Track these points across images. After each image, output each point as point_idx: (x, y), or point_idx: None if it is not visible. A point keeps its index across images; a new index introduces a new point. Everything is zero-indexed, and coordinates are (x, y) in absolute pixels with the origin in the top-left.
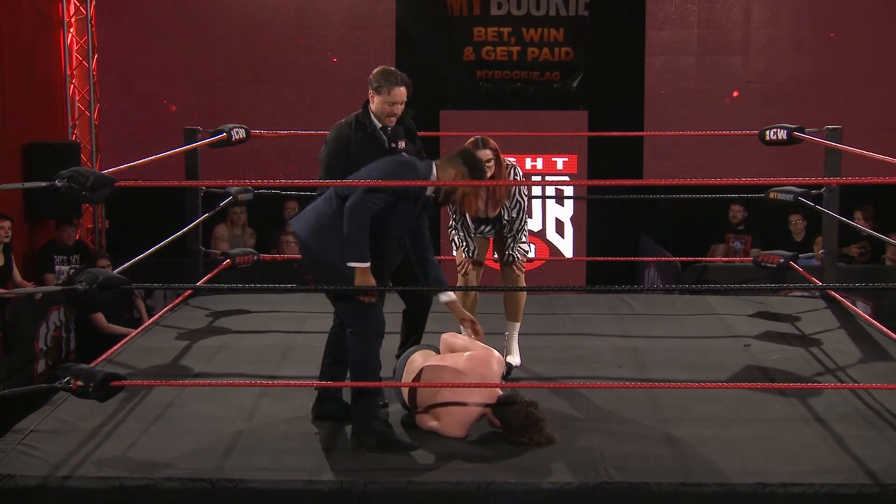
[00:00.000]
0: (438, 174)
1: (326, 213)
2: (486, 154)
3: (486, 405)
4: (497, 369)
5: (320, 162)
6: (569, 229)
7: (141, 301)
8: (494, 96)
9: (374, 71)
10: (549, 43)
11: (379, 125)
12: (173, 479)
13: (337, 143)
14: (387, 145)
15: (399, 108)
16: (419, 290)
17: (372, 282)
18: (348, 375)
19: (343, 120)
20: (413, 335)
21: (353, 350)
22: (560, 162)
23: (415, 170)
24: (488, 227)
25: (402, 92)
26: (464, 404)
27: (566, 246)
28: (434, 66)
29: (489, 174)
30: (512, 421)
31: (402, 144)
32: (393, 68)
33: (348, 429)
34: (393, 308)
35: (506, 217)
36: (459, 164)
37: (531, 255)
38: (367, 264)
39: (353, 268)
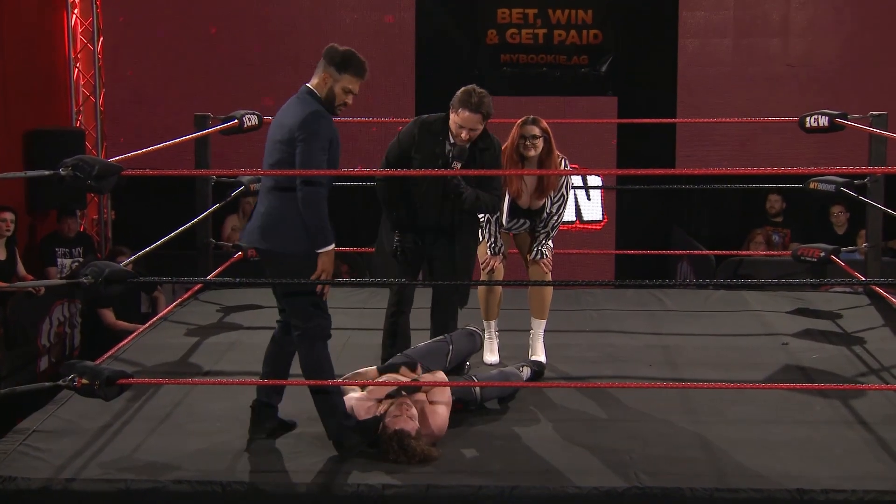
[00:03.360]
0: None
1: (275, 209)
2: (531, 130)
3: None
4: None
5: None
6: (597, 220)
7: (162, 295)
8: (519, 81)
9: (462, 88)
10: (576, 25)
11: (451, 139)
12: (182, 481)
13: (400, 136)
14: (447, 160)
15: (465, 133)
16: (443, 292)
17: (332, 265)
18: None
19: (426, 116)
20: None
21: (303, 353)
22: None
23: (313, 112)
24: (522, 222)
25: (468, 117)
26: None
27: (594, 238)
28: (456, 50)
29: (533, 153)
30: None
31: (457, 166)
32: (481, 91)
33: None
34: (427, 304)
35: (547, 210)
36: (323, 67)
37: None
38: (333, 246)
39: (319, 254)
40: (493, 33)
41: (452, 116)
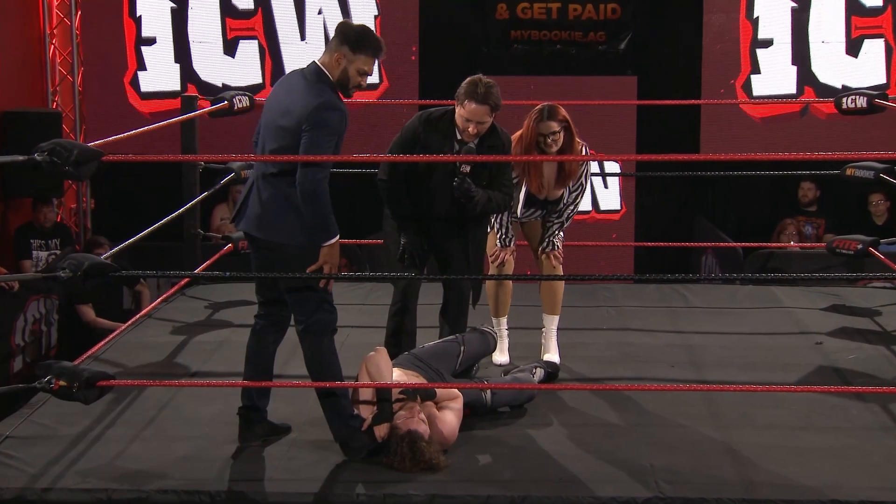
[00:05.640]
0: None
1: (278, 197)
2: (550, 126)
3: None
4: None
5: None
6: (615, 210)
7: (146, 289)
8: (531, 60)
9: (468, 78)
10: None
11: (459, 135)
12: (167, 491)
13: (403, 135)
14: (455, 164)
15: (473, 127)
16: (456, 291)
17: (337, 257)
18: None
19: (431, 111)
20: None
21: (307, 349)
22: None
23: (324, 103)
24: (534, 211)
25: (474, 109)
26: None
27: (611, 229)
28: (462, 26)
29: (556, 148)
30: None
31: (466, 169)
32: (488, 81)
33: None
34: (431, 300)
35: (564, 200)
36: (335, 45)
37: None
38: (337, 238)
39: (323, 246)
40: (502, 7)
41: (458, 110)
